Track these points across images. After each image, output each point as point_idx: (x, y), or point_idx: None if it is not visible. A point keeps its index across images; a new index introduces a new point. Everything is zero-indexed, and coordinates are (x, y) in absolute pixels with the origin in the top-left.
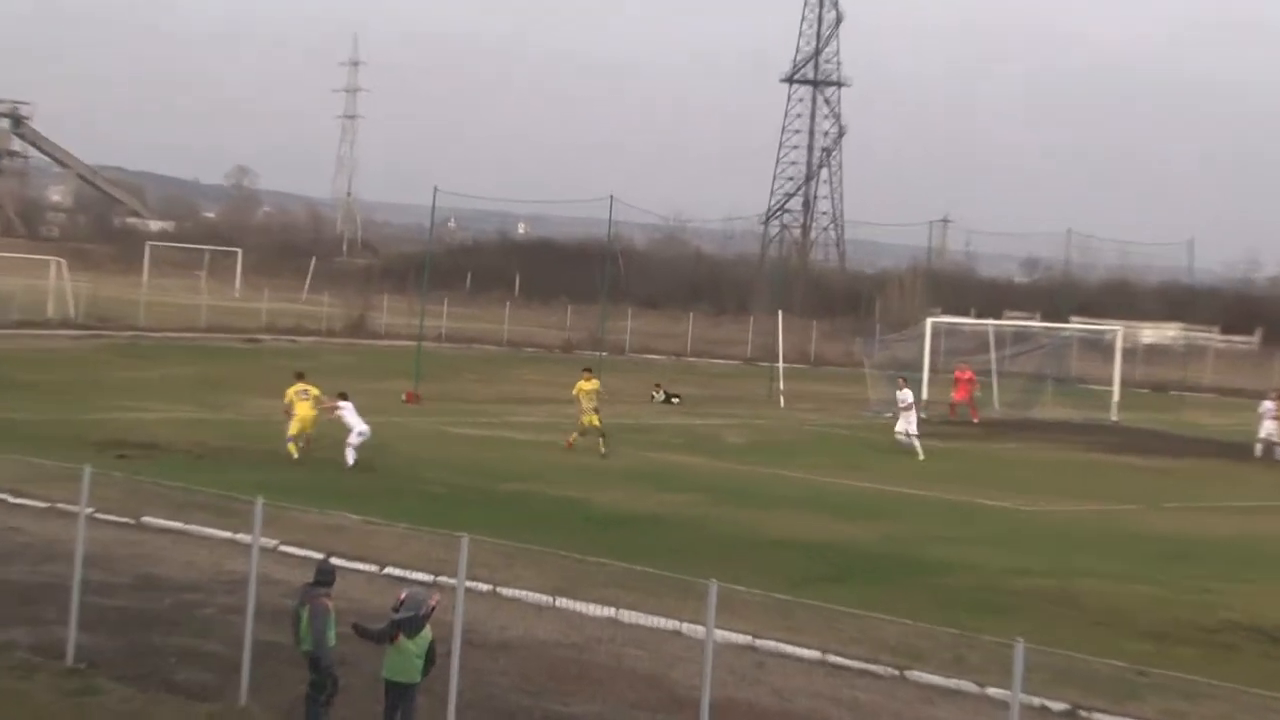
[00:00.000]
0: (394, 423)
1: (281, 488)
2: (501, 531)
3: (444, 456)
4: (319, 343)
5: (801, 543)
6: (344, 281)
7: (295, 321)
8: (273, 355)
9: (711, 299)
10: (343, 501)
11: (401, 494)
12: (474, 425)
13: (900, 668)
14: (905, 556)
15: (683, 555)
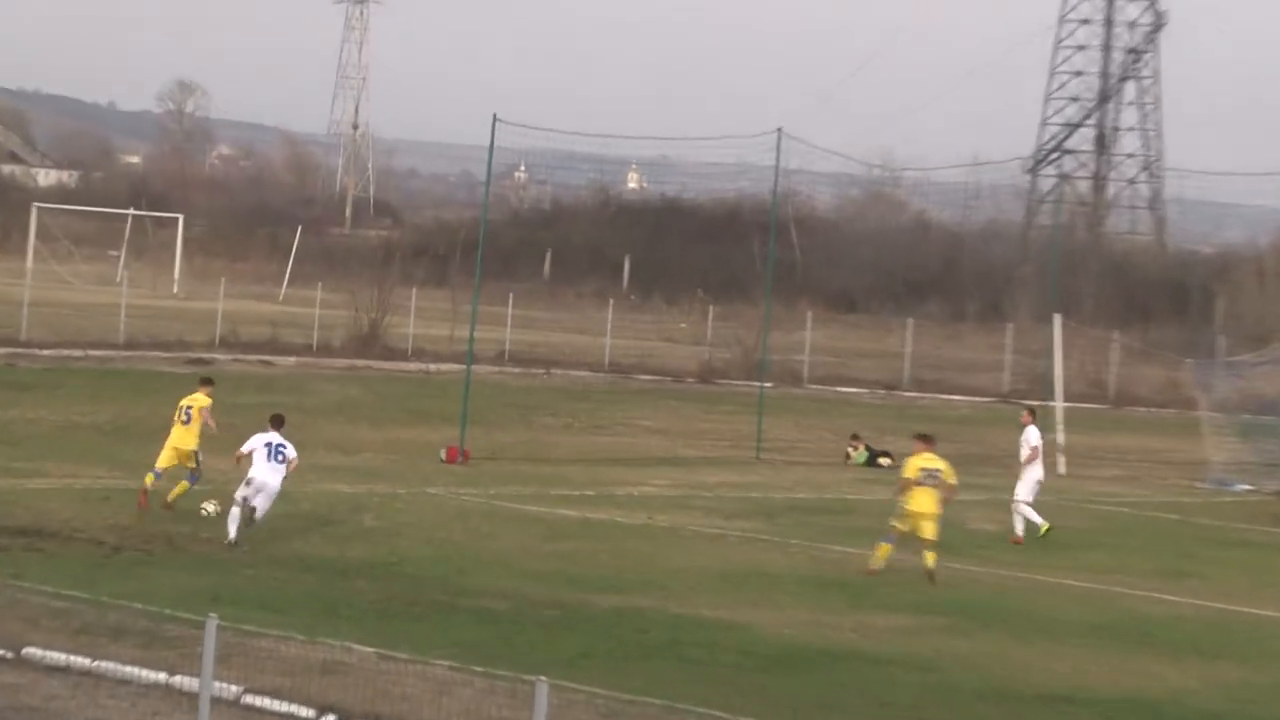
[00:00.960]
0: (427, 495)
1: (245, 599)
2: (599, 673)
3: (505, 550)
4: (307, 365)
5: (1095, 697)
6: (348, 266)
7: (270, 331)
8: (232, 384)
9: (944, 296)
10: (345, 622)
11: (439, 610)
12: (552, 500)
13: None
14: None
15: (894, 714)
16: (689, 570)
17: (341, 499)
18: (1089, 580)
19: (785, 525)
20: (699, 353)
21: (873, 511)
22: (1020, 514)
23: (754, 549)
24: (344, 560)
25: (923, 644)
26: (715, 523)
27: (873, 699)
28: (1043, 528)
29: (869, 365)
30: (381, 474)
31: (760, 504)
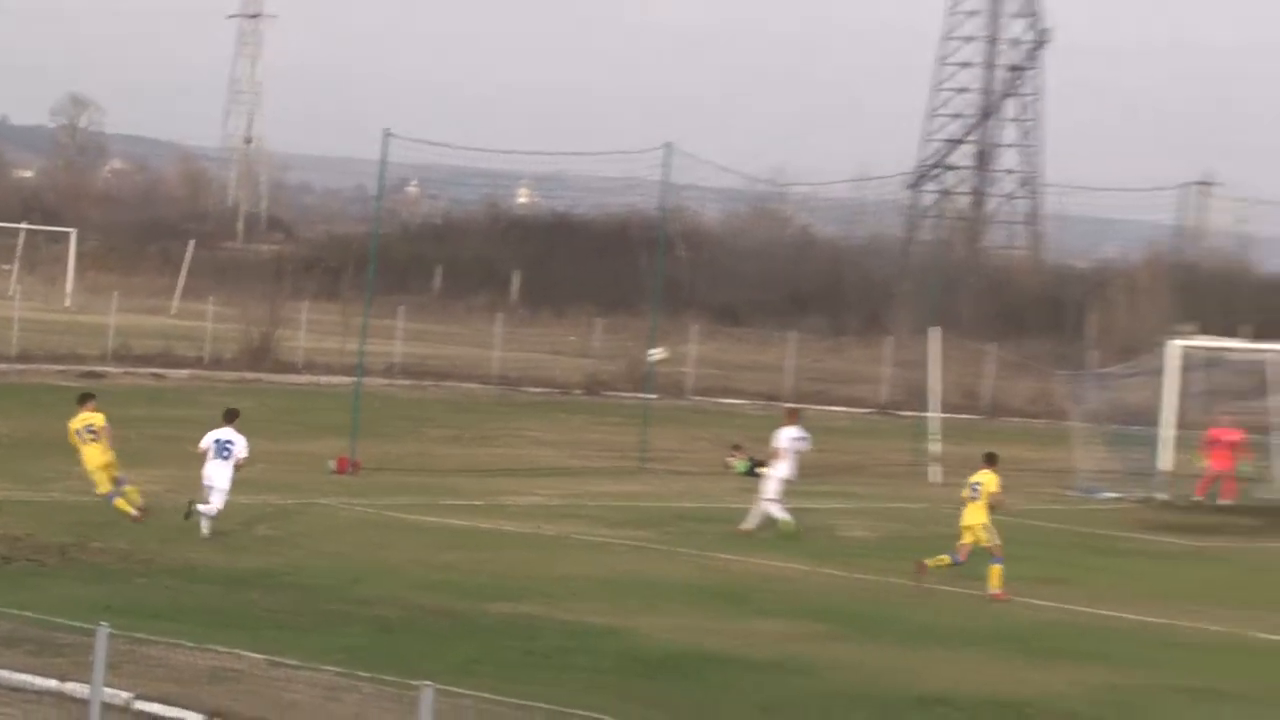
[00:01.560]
0: (319, 505)
1: (140, 609)
2: (486, 679)
3: (395, 560)
4: (200, 378)
5: (967, 700)
6: (240, 280)
7: (162, 344)
8: (124, 398)
9: (826, 310)
10: (237, 631)
11: (327, 619)
12: (442, 510)
13: None
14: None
15: (777, 718)
16: (575, 578)
17: (234, 509)
18: (962, 586)
19: (670, 534)
20: (586, 365)
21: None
22: (764, 510)
23: (639, 557)
24: (237, 570)
25: (802, 649)
26: (601, 531)
27: (753, 703)
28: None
29: (752, 377)
30: (273, 485)
31: (645, 513)
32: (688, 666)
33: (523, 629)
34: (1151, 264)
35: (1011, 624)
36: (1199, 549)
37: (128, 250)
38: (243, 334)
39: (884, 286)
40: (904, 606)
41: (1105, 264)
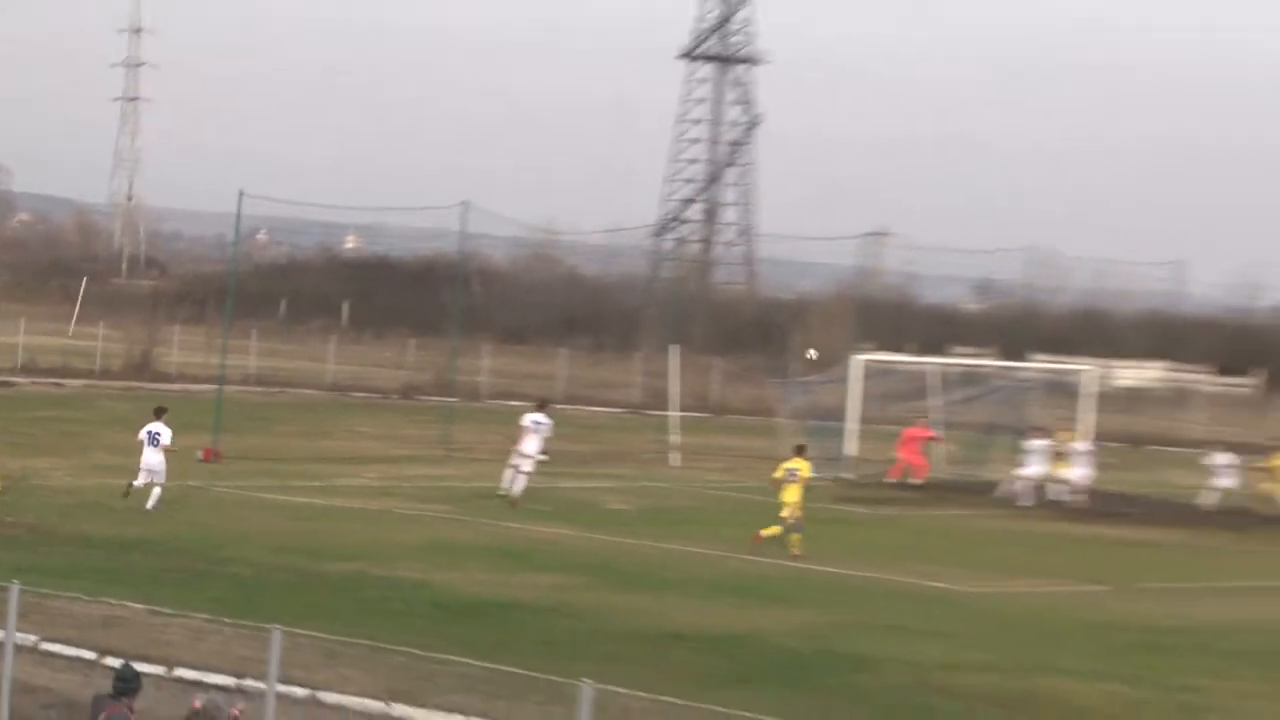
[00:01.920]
0: (189, 487)
1: (45, 570)
2: (323, 623)
3: (251, 529)
4: (92, 386)
5: (698, 634)
6: (124, 309)
7: (61, 360)
8: (31, 403)
9: (589, 332)
10: (124, 587)
11: (198, 577)
12: (289, 490)
13: None
14: (825, 651)
15: (550, 651)
16: (394, 543)
17: (117, 490)
18: (696, 547)
19: (468, 507)
20: (401, 375)
21: (534, 496)
22: (517, 480)
23: (444, 526)
24: (123, 538)
25: (572, 597)
26: (415, 506)
27: (535, 640)
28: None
29: (533, 384)
30: None
31: (449, 491)
32: (483, 611)
33: (352, 583)
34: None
35: (736, 576)
36: (877, 516)
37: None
38: (127, 351)
39: (634, 314)
40: (653, 563)
41: (804, 296)
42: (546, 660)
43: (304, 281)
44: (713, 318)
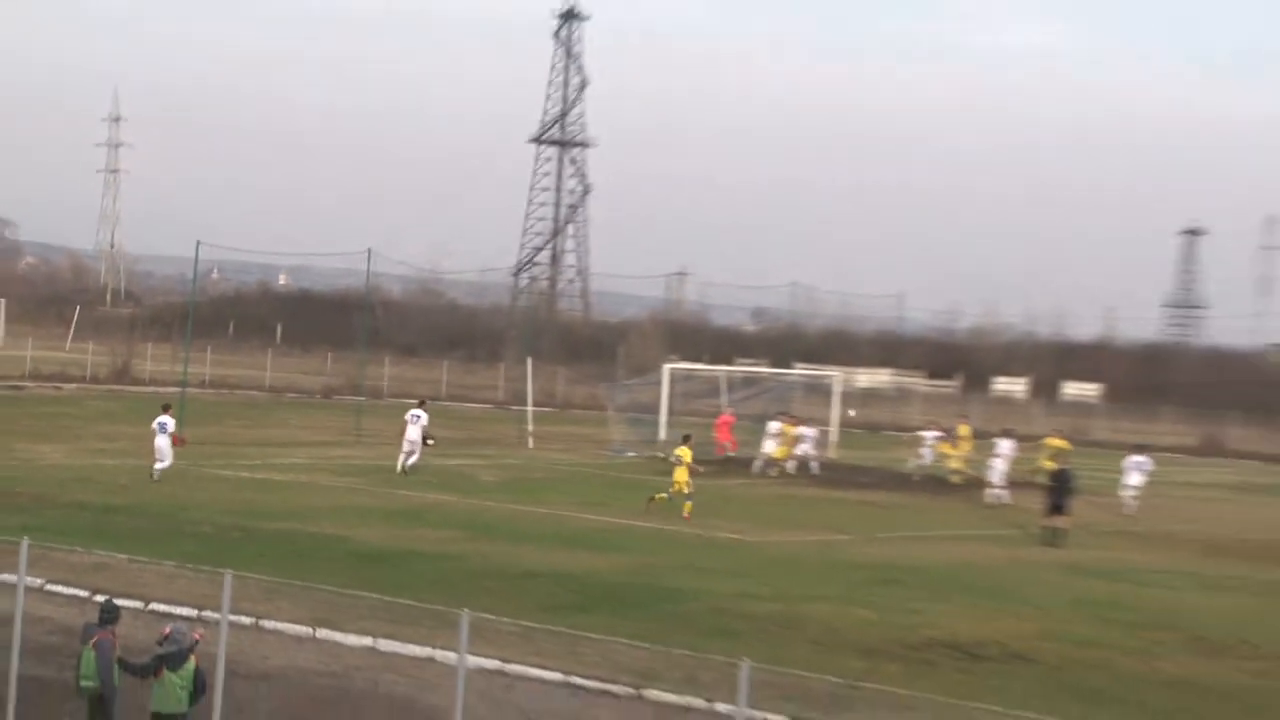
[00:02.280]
0: None
1: (48, 529)
2: (264, 567)
3: (208, 498)
4: (83, 389)
5: (549, 574)
6: (108, 330)
7: (59, 369)
8: (36, 402)
9: (465, 347)
10: (109, 542)
11: (167, 534)
12: (237, 467)
13: (637, 687)
14: (645, 585)
15: (438, 587)
16: (319, 507)
17: (106, 469)
18: (546, 508)
19: (373, 480)
20: (322, 380)
21: (423, 471)
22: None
23: (356, 494)
24: (109, 505)
25: (454, 547)
26: (334, 479)
27: (427, 579)
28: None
29: (423, 387)
30: (130, 454)
31: (359, 468)
32: (388, 558)
33: (287, 537)
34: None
35: (577, 530)
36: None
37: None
38: (110, 362)
39: (498, 333)
40: (514, 521)
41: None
42: (436, 594)
43: (247, 309)
44: (558, 336)
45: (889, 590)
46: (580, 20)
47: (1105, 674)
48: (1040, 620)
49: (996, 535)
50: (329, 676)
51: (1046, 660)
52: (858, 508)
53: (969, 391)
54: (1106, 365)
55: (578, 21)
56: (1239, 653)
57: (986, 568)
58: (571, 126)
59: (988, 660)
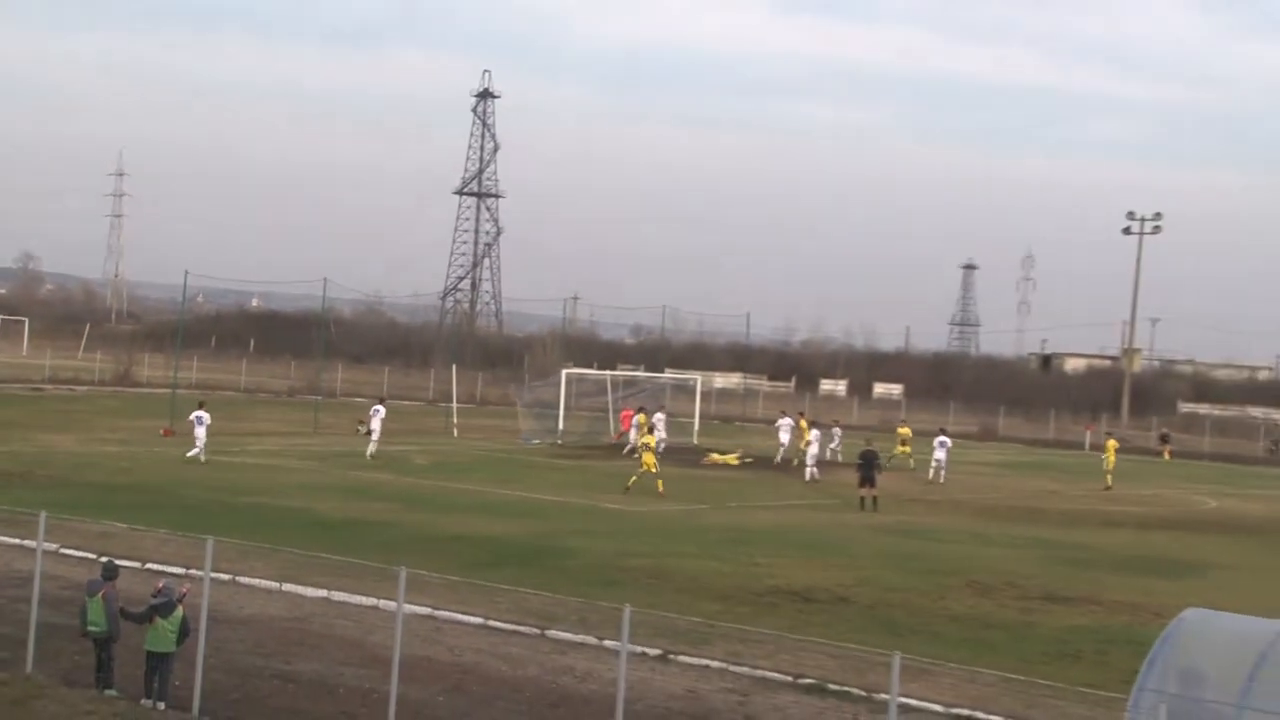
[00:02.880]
0: (155, 452)
1: (62, 504)
2: (240, 534)
3: (195, 477)
4: (92, 390)
5: (470, 538)
6: (113, 343)
7: (73, 374)
8: (53, 401)
9: (402, 356)
10: (114, 514)
11: (161, 507)
12: (218, 453)
13: (541, 628)
14: (546, 546)
15: (381, 549)
16: (284, 485)
17: (108, 455)
18: (468, 485)
19: (329, 464)
20: (287, 383)
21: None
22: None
23: (315, 474)
24: (112, 484)
25: (394, 516)
26: (295, 462)
27: (374, 542)
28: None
29: (368, 387)
30: (129, 442)
31: (317, 454)
32: (342, 525)
33: (258, 509)
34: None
35: (492, 502)
36: (576, 465)
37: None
38: (114, 369)
39: (430, 345)
40: (442, 496)
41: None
42: (379, 555)
43: (226, 326)
44: (477, 347)
45: (739, 548)
46: (493, 98)
47: (906, 611)
48: (857, 570)
49: (820, 504)
50: (292, 621)
51: (862, 601)
52: (713, 482)
53: (801, 391)
54: (906, 370)
55: (491, 99)
56: (1007, 592)
57: (814, 529)
58: (487, 181)
59: (818, 602)
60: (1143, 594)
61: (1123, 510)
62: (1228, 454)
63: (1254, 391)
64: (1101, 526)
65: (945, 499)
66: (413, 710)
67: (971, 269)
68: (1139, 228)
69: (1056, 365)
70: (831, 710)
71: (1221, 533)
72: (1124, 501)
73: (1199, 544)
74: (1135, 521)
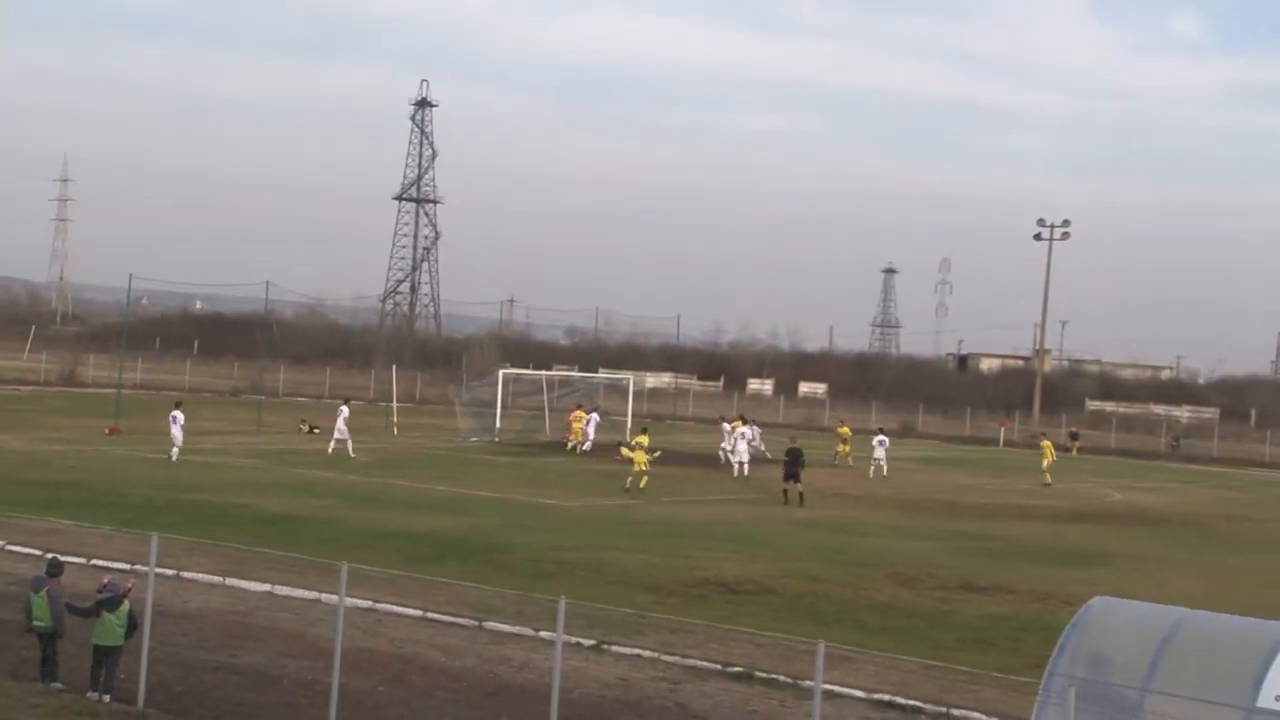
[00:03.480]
0: (100, 450)
1: (8, 502)
2: (184, 530)
3: (139, 475)
4: (38, 390)
5: (410, 533)
6: (58, 344)
7: (19, 375)
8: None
9: (343, 356)
10: (59, 511)
11: (105, 504)
12: (162, 452)
13: (479, 620)
14: (484, 541)
15: (323, 544)
16: (228, 481)
17: (55, 453)
18: (408, 481)
19: (273, 462)
20: (231, 383)
21: (311, 454)
22: (342, 443)
23: (259, 472)
24: (57, 482)
25: (335, 513)
26: (240, 460)
27: (315, 538)
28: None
29: (310, 387)
30: (74, 441)
31: (260, 452)
32: (283, 521)
33: (202, 505)
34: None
35: (431, 498)
36: (513, 462)
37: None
38: (60, 369)
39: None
40: (382, 492)
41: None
42: (321, 550)
43: (170, 328)
44: (416, 348)
45: (669, 541)
46: (431, 107)
47: (830, 601)
48: (783, 562)
49: (749, 499)
50: (236, 615)
51: (788, 592)
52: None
53: (730, 390)
54: (830, 369)
55: (429, 108)
56: (926, 583)
57: (742, 523)
58: (426, 187)
59: (746, 593)
60: (1054, 583)
61: (1035, 504)
62: (1132, 449)
63: (1156, 390)
64: (1015, 519)
65: (866, 494)
66: (354, 700)
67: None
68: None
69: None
70: (759, 697)
71: (1127, 524)
72: (1036, 495)
73: (1106, 535)
74: (1047, 514)
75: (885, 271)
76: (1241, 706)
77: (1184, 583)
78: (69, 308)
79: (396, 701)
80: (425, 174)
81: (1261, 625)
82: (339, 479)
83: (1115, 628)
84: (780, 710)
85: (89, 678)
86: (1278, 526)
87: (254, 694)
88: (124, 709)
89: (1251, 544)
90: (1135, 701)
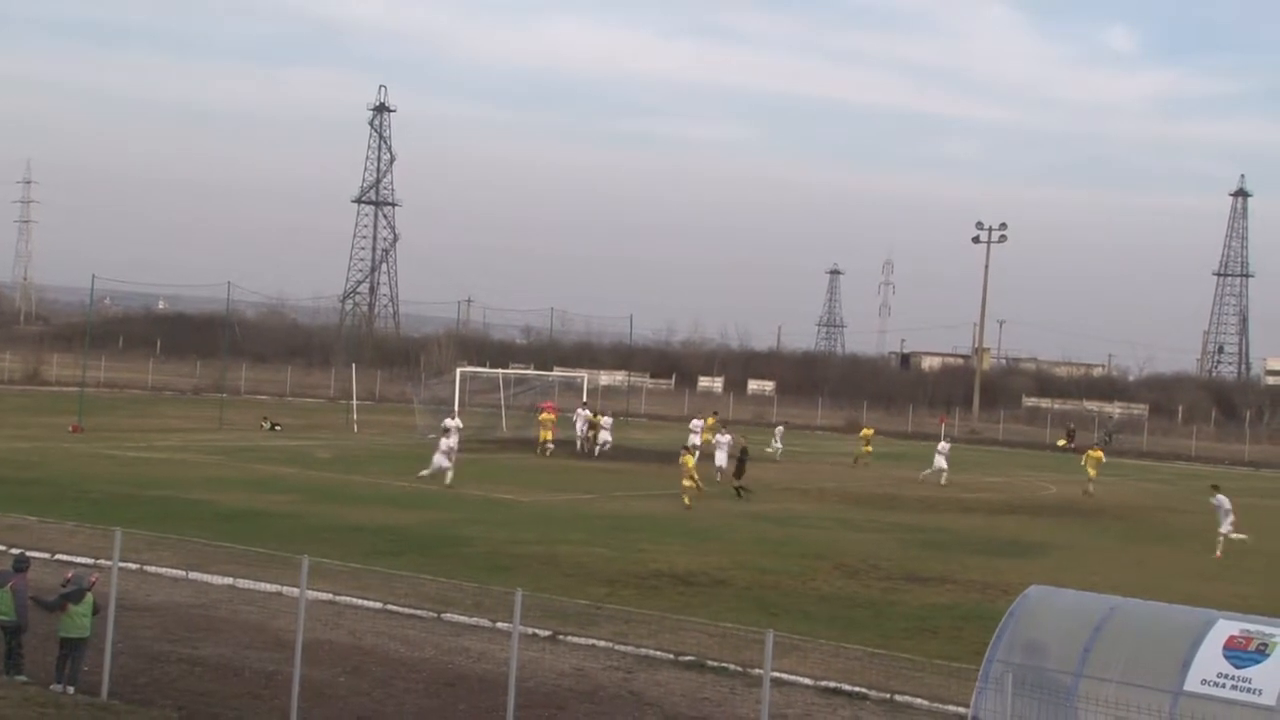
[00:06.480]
0: (63, 447)
1: None
2: (147, 525)
3: (102, 472)
4: (1, 389)
5: (370, 528)
6: (21, 344)
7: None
8: None
9: (304, 355)
10: (23, 507)
11: (69, 500)
12: (125, 449)
13: (438, 612)
14: (442, 535)
15: (284, 539)
16: (189, 478)
17: (18, 450)
18: (367, 478)
19: (237, 458)
20: (194, 381)
21: (273, 450)
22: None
23: (219, 468)
24: (23, 479)
25: (297, 508)
26: (202, 457)
27: (276, 533)
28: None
29: (271, 385)
30: (37, 438)
31: (221, 448)
32: (245, 516)
33: (164, 502)
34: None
35: (393, 494)
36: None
37: None
38: (24, 368)
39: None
40: (343, 488)
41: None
42: (282, 544)
43: (133, 328)
44: (375, 347)
45: (623, 535)
46: (389, 112)
47: (779, 592)
48: (733, 555)
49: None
50: (199, 608)
51: (738, 584)
52: (599, 474)
53: (681, 388)
54: (778, 367)
55: (387, 113)
56: (871, 574)
57: (694, 516)
58: (384, 190)
59: (698, 585)
60: (993, 573)
61: (975, 497)
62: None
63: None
64: (956, 512)
65: (813, 488)
66: (315, 690)
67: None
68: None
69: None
70: (710, 685)
71: (1062, 516)
72: (976, 489)
73: (1042, 527)
74: (986, 507)
75: (830, 273)
76: (1170, 690)
77: (1115, 572)
78: (33, 308)
79: (357, 692)
80: (384, 177)
81: (1188, 612)
82: (300, 475)
83: (1050, 616)
84: (730, 698)
85: (54, 670)
86: (1203, 518)
87: (216, 685)
88: (88, 700)
89: (1179, 535)
90: (1069, 686)
